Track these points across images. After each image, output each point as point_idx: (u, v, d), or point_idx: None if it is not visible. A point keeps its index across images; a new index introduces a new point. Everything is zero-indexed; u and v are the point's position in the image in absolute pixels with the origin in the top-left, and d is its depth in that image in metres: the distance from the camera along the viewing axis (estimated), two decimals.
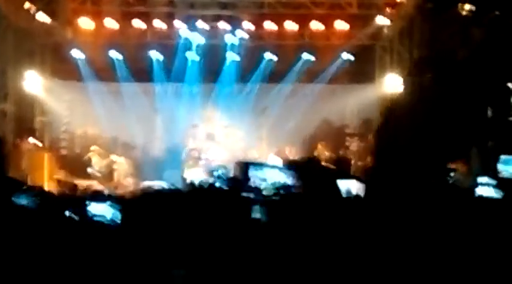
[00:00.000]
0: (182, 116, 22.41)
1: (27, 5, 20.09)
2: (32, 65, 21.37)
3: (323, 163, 5.16)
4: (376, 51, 22.62)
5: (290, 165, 4.79)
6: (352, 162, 20.89)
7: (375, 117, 22.65)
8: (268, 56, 22.22)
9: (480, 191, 5.11)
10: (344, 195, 4.67)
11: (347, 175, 5.03)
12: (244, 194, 4.79)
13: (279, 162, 20.27)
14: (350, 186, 4.89)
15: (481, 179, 4.52)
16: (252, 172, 4.77)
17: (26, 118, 21.41)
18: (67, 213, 7.43)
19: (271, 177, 4.73)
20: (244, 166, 4.84)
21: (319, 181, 4.48)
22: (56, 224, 4.98)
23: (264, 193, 4.80)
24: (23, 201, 4.83)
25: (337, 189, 4.53)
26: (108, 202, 7.77)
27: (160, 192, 10.28)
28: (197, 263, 4.89)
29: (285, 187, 4.64)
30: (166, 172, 20.51)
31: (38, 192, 4.96)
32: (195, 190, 10.56)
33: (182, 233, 6.79)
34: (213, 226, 6.40)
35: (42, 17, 20.61)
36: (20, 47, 20.80)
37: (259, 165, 4.88)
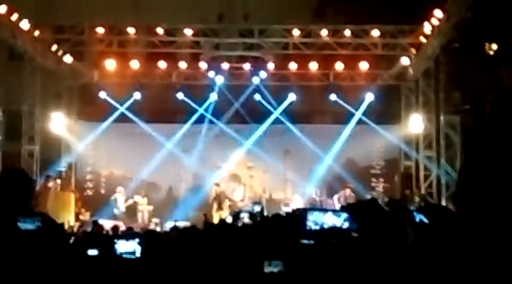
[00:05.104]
0: (207, 157, 22.38)
1: (54, 47, 20.30)
2: (58, 107, 21.56)
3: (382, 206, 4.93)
4: (401, 91, 22.54)
5: (346, 208, 4.68)
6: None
7: (400, 157, 22.53)
8: (292, 96, 22.24)
9: None
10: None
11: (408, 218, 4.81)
12: (305, 241, 4.69)
13: (302, 204, 20.28)
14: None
15: None
16: (308, 217, 4.70)
17: (52, 159, 21.50)
18: (93, 252, 7.40)
19: (327, 221, 4.64)
20: (304, 212, 4.76)
21: (379, 225, 4.31)
22: (57, 250, 4.89)
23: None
24: (28, 225, 4.75)
25: (402, 233, 4.35)
26: (137, 240, 7.70)
27: (185, 229, 10.27)
28: None
29: (337, 232, 4.53)
30: (191, 213, 20.41)
31: (42, 218, 4.89)
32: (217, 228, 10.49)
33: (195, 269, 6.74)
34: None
35: (69, 59, 20.82)
36: (47, 88, 21.03)
37: (314, 210, 4.80)
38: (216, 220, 18.04)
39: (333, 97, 22.11)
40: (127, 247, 7.27)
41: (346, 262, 4.08)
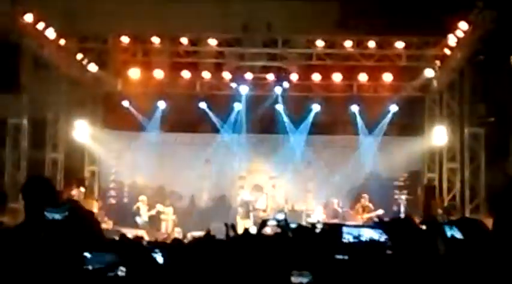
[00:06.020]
0: (230, 167, 22.40)
1: (79, 56, 20.44)
2: (82, 115, 21.68)
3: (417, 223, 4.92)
4: (426, 103, 22.39)
5: (381, 224, 4.71)
6: (403, 215, 20.48)
7: (423, 169, 22.38)
8: (315, 107, 22.20)
9: None
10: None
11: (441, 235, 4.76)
12: (339, 256, 4.70)
13: (324, 215, 20.21)
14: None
15: None
16: (345, 231, 4.73)
17: (75, 167, 21.64)
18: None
19: (364, 234, 4.67)
20: (338, 228, 4.79)
21: (414, 243, 4.30)
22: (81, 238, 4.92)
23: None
24: (56, 215, 4.79)
25: (435, 250, 4.32)
26: (159, 252, 7.72)
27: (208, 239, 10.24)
28: None
29: (375, 245, 4.53)
30: (213, 223, 20.36)
31: (70, 206, 4.92)
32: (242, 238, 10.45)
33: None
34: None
35: (93, 68, 20.94)
36: (72, 97, 21.16)
37: (351, 225, 4.88)
38: (240, 228, 18.03)
39: (355, 108, 22.04)
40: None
41: (379, 279, 4.06)
